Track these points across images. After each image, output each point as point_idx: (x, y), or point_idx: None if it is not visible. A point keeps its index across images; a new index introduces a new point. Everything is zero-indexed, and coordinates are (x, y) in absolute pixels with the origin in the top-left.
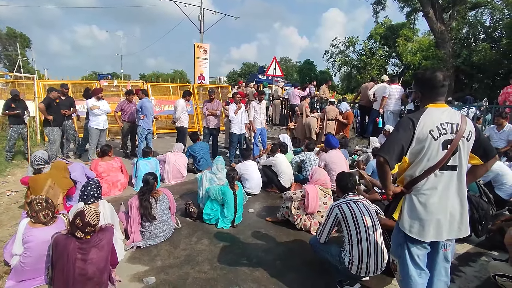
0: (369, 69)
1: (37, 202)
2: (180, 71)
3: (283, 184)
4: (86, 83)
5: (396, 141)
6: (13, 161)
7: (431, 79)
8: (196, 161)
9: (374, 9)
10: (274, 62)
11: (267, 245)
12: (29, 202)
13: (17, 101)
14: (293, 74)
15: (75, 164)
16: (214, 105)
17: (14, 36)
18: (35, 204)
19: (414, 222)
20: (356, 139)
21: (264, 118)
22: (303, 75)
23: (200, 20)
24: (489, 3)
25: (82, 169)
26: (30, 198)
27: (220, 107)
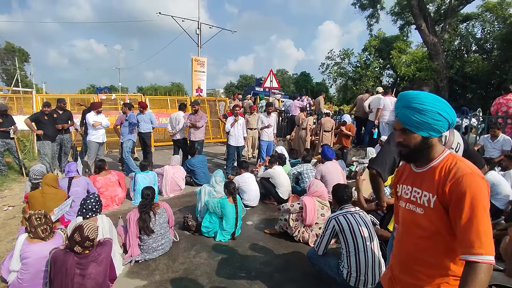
0: (364, 81)
1: (36, 217)
2: (178, 83)
3: (281, 196)
4: (84, 97)
5: (388, 154)
6: (10, 176)
7: None
8: (194, 175)
9: (368, 22)
10: (271, 74)
11: (265, 257)
12: (28, 217)
13: (4, 116)
14: (289, 85)
15: (81, 179)
16: (197, 117)
17: (13, 51)
18: (34, 219)
19: None
20: (352, 149)
21: (274, 131)
22: (299, 86)
23: (197, 34)
24: (480, 15)
25: (86, 185)
26: (29, 213)
27: (204, 118)
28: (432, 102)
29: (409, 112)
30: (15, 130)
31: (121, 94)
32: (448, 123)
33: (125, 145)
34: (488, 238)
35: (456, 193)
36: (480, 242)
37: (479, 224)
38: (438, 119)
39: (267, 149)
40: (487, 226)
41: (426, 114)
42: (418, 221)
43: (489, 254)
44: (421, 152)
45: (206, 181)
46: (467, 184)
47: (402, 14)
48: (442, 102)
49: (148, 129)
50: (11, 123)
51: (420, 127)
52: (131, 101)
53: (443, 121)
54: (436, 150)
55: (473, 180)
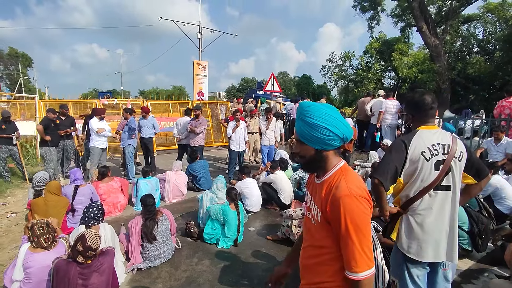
0: (366, 83)
1: (39, 226)
2: (179, 87)
3: (283, 201)
4: (87, 102)
5: (390, 163)
6: (13, 182)
7: (419, 102)
8: (196, 180)
9: (369, 24)
10: (272, 78)
11: (267, 264)
12: (31, 226)
13: (7, 123)
14: (291, 88)
15: (86, 188)
16: (197, 122)
17: (16, 56)
18: (37, 228)
19: (411, 243)
20: (355, 153)
21: (274, 135)
22: (301, 89)
23: (198, 38)
24: (481, 17)
25: (90, 194)
26: (31, 222)
27: (203, 124)
28: (321, 116)
29: (301, 125)
30: (18, 136)
31: (123, 99)
32: (340, 138)
33: (126, 151)
34: (362, 257)
35: (334, 213)
36: (355, 262)
37: (354, 245)
38: (328, 134)
39: (268, 154)
40: (363, 244)
41: (315, 128)
42: (312, 230)
43: (364, 270)
44: (316, 164)
45: (208, 186)
46: (343, 206)
47: (403, 16)
48: (332, 116)
49: (150, 134)
50: (14, 130)
51: (311, 140)
52: (133, 106)
53: (333, 136)
54: (331, 163)
55: (348, 202)
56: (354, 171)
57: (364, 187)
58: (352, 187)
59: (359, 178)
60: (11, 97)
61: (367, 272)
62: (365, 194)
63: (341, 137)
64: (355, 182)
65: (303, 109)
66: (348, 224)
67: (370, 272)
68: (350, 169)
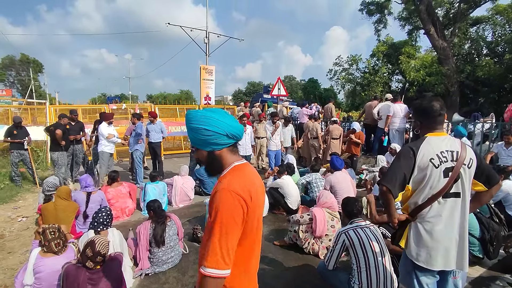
0: (373, 86)
1: (51, 231)
2: (187, 91)
3: (290, 206)
4: (96, 107)
5: (398, 170)
6: (24, 186)
7: (427, 109)
8: (204, 184)
9: (376, 27)
10: (279, 82)
11: (275, 270)
12: (42, 231)
13: (19, 128)
14: (297, 92)
15: (97, 195)
16: None
17: (28, 62)
18: (49, 233)
19: (420, 250)
20: (362, 157)
21: (281, 140)
22: (307, 93)
23: (205, 43)
24: (490, 19)
25: (100, 201)
26: (43, 227)
27: None
28: (198, 119)
29: (189, 132)
30: (29, 141)
31: (131, 104)
32: (224, 136)
33: (134, 155)
34: (215, 254)
35: (210, 205)
36: (208, 255)
37: (213, 239)
38: (208, 134)
39: (276, 159)
40: (221, 242)
41: (196, 131)
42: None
43: (211, 267)
44: (212, 165)
45: None
46: (217, 199)
47: (410, 19)
48: (209, 117)
49: (158, 139)
50: (25, 135)
51: (199, 144)
52: (141, 110)
53: (215, 134)
54: (226, 161)
55: (222, 195)
56: (249, 172)
57: (250, 189)
58: (233, 183)
59: (248, 179)
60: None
61: (214, 270)
62: (244, 194)
63: (224, 134)
64: (240, 180)
65: (186, 117)
66: (216, 216)
67: (221, 272)
68: (244, 168)
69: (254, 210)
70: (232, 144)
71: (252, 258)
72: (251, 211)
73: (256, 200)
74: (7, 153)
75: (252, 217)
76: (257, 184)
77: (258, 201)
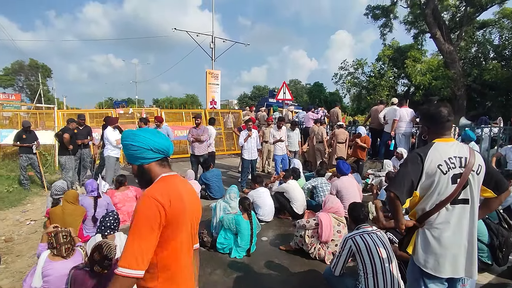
0: (378, 90)
1: (63, 235)
2: (192, 95)
3: (296, 210)
4: (103, 112)
5: (406, 176)
6: (32, 190)
7: (435, 115)
8: (209, 188)
9: (381, 31)
10: (284, 86)
11: (281, 276)
12: (55, 234)
13: (28, 132)
14: (302, 96)
15: (103, 200)
16: (200, 131)
17: (36, 67)
18: (61, 237)
19: (428, 257)
20: (368, 162)
21: (286, 144)
22: (312, 97)
23: (211, 48)
24: (497, 22)
25: (106, 205)
26: (56, 230)
27: (206, 132)
28: (127, 137)
29: (123, 149)
30: (38, 145)
31: (138, 108)
32: (149, 150)
33: None
34: (128, 254)
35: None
36: (122, 256)
37: (129, 240)
38: (135, 149)
39: (283, 163)
40: (135, 243)
41: (125, 147)
42: None
43: (124, 267)
44: (142, 178)
45: (221, 195)
46: (137, 204)
47: (415, 23)
48: (136, 135)
49: None
50: (34, 139)
51: (130, 159)
52: (147, 115)
53: (141, 149)
54: (155, 174)
55: (141, 200)
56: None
57: (171, 195)
58: (152, 190)
59: (171, 187)
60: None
61: (125, 270)
62: (162, 200)
63: (149, 149)
64: (161, 188)
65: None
66: (133, 219)
67: (132, 272)
68: (169, 179)
69: (177, 216)
70: (160, 158)
71: (179, 266)
72: (171, 216)
73: (177, 206)
74: (16, 157)
75: (175, 223)
76: (183, 192)
77: (182, 207)
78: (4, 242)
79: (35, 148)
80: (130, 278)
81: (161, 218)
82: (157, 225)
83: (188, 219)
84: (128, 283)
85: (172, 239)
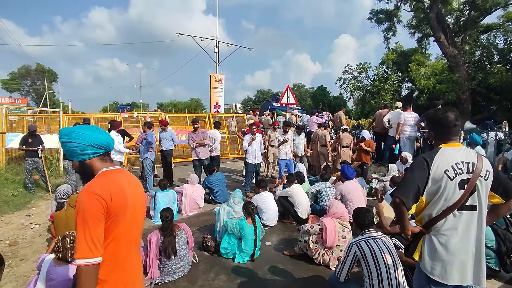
0: (383, 94)
1: (71, 239)
2: (196, 99)
3: (300, 215)
4: (108, 116)
5: (412, 182)
6: (37, 194)
7: (442, 119)
8: (213, 193)
9: (385, 35)
10: (288, 90)
11: (285, 281)
12: (63, 237)
13: (33, 136)
14: (306, 99)
15: None
16: (200, 135)
17: (43, 72)
18: (68, 241)
19: (435, 264)
20: (372, 166)
21: (291, 148)
22: (316, 100)
23: (215, 53)
24: (501, 26)
25: None
26: (64, 234)
27: (207, 136)
28: (65, 134)
29: (62, 146)
30: (43, 149)
31: (143, 112)
32: (90, 146)
33: (144, 164)
34: (82, 245)
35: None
36: (77, 249)
37: (79, 233)
38: (73, 145)
39: (288, 167)
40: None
41: (65, 144)
42: None
43: (82, 257)
44: (84, 173)
45: (224, 199)
46: (78, 199)
47: (419, 27)
48: (74, 131)
49: (170, 146)
50: (39, 143)
51: (70, 155)
52: (152, 119)
53: (81, 146)
54: (96, 169)
55: (81, 195)
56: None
57: (112, 189)
58: (93, 185)
59: (112, 181)
60: (37, 111)
61: (85, 260)
62: (103, 193)
63: (89, 145)
64: (101, 183)
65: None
66: (78, 213)
67: (89, 261)
68: (110, 174)
69: (118, 208)
70: (101, 153)
71: (128, 255)
72: (114, 208)
73: (118, 199)
74: (22, 160)
75: (118, 214)
76: (125, 185)
77: (123, 200)
78: (9, 246)
79: (40, 152)
80: (90, 266)
81: (103, 210)
82: (101, 215)
83: (131, 211)
84: (90, 271)
85: (115, 229)
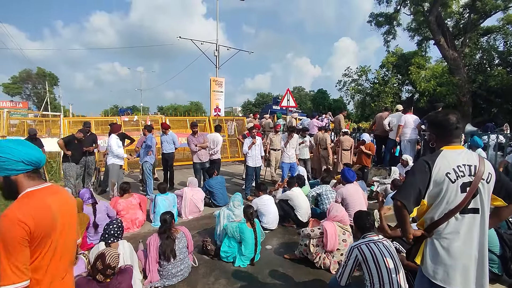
0: (383, 97)
1: None
2: (196, 102)
3: (300, 218)
4: (108, 119)
5: (413, 185)
6: None
7: (443, 122)
8: (213, 196)
9: (385, 38)
10: (288, 93)
11: (285, 285)
12: None
13: (34, 140)
14: (306, 103)
15: (100, 205)
16: (200, 138)
17: (44, 75)
18: None
19: (437, 268)
20: (373, 169)
21: (296, 152)
22: (316, 103)
23: (215, 56)
24: (501, 29)
25: (106, 210)
26: None
27: (207, 139)
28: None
29: None
30: (43, 153)
31: (143, 116)
32: (19, 162)
33: (144, 167)
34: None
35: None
36: (2, 276)
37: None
38: (2, 160)
39: (292, 171)
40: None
41: None
42: None
43: (6, 285)
44: (9, 190)
45: (224, 202)
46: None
47: (419, 30)
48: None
49: (171, 150)
50: (39, 146)
51: None
52: (152, 122)
53: (10, 161)
54: (22, 187)
55: (3, 222)
56: (42, 197)
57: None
58: (13, 209)
59: (36, 204)
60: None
61: (11, 286)
62: (25, 219)
63: (19, 161)
64: (24, 206)
65: None
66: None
67: (16, 286)
68: (35, 194)
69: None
70: (30, 170)
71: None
72: (38, 232)
73: (42, 220)
74: None
75: (44, 236)
76: (51, 204)
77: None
78: None
79: None
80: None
81: (27, 234)
82: (24, 241)
83: (59, 228)
84: None
85: (42, 250)
